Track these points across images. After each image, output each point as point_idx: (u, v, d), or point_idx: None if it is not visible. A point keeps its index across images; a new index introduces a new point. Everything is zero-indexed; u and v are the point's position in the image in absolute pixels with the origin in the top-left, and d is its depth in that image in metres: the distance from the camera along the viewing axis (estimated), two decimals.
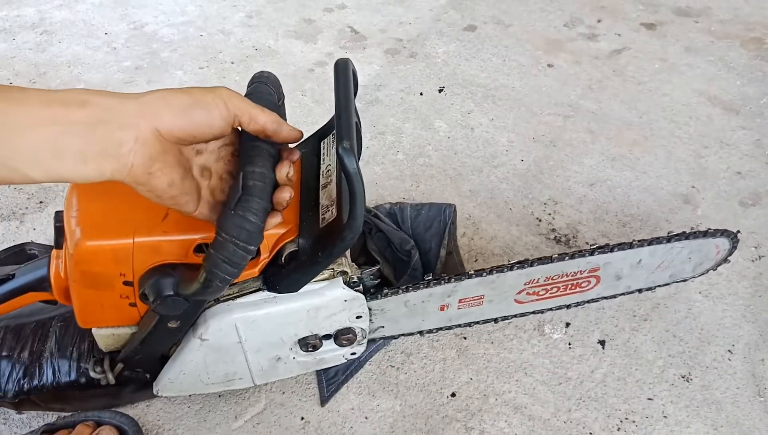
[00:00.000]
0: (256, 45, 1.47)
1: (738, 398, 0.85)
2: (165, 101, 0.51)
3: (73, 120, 0.47)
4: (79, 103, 0.48)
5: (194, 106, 0.52)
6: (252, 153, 0.57)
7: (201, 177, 0.59)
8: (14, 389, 0.77)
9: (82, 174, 0.48)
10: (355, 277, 0.72)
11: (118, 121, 0.49)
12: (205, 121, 0.53)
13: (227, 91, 0.55)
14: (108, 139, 0.48)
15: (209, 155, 0.59)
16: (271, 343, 0.74)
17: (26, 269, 0.71)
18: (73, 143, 0.47)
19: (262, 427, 0.82)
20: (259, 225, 0.55)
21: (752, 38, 1.47)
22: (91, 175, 0.49)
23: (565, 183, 1.14)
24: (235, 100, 0.55)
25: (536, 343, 0.91)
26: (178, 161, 0.54)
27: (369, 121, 1.26)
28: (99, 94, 0.49)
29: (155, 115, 0.50)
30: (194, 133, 0.53)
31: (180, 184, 0.54)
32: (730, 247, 0.87)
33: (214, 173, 0.60)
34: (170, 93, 0.52)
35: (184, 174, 0.55)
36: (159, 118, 0.50)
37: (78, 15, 1.56)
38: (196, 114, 0.52)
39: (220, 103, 0.54)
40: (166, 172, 0.52)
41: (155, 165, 0.51)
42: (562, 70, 1.39)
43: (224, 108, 0.54)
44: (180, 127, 0.52)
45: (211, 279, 0.57)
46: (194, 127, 0.53)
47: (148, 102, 0.51)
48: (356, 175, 0.57)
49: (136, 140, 0.49)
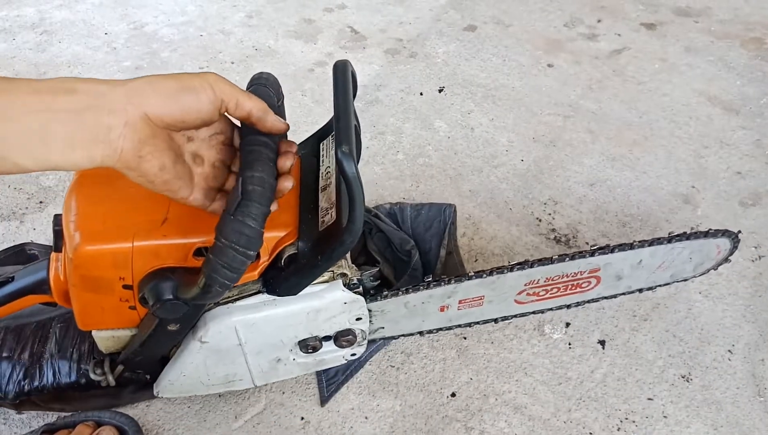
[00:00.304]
0: (256, 45, 1.47)
1: (738, 398, 0.85)
2: (153, 86, 0.51)
3: (62, 107, 0.47)
4: (66, 91, 0.48)
5: (182, 91, 0.52)
6: (251, 157, 0.57)
7: (193, 163, 0.58)
8: (15, 390, 0.77)
9: (72, 160, 0.48)
10: (355, 278, 0.72)
11: (107, 106, 0.49)
12: (193, 105, 0.53)
13: (215, 76, 0.55)
14: (97, 124, 0.48)
15: (201, 143, 0.59)
16: (271, 345, 0.74)
17: (26, 272, 0.71)
18: (62, 130, 0.47)
19: (262, 427, 0.82)
20: (259, 230, 0.55)
21: (752, 38, 1.47)
22: (82, 162, 0.49)
23: (565, 183, 1.14)
24: (222, 85, 0.55)
25: (536, 343, 0.91)
26: (168, 146, 0.54)
27: (369, 121, 1.26)
28: (87, 81, 0.49)
29: (143, 100, 0.50)
30: (183, 117, 0.53)
31: (172, 169, 0.54)
32: (731, 246, 0.87)
33: (207, 161, 0.60)
34: (158, 78, 0.52)
35: (176, 158, 0.55)
36: (147, 102, 0.50)
37: (78, 15, 1.56)
38: (184, 98, 0.52)
39: (207, 88, 0.54)
40: (157, 155, 0.52)
41: (145, 148, 0.51)
42: (562, 70, 1.39)
43: (211, 92, 0.54)
44: (168, 112, 0.52)
45: (210, 284, 0.57)
46: (182, 111, 0.53)
47: (136, 87, 0.51)
48: (355, 179, 0.57)
49: (125, 125, 0.49)
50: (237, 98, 0.56)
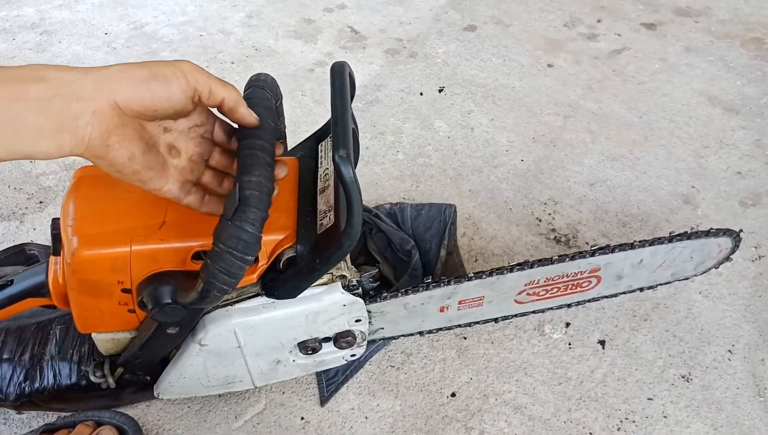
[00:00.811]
0: (256, 45, 1.47)
1: (738, 398, 0.85)
2: (123, 74, 0.51)
3: (32, 96, 0.47)
4: (36, 79, 0.47)
5: (153, 79, 0.52)
6: (249, 161, 0.56)
7: (168, 155, 0.58)
8: (15, 392, 0.77)
9: (42, 150, 0.48)
10: (354, 280, 0.72)
11: (75, 94, 0.48)
12: (164, 94, 0.52)
13: (188, 65, 0.54)
14: (64, 112, 0.48)
15: (178, 135, 0.58)
16: (270, 347, 0.74)
17: (25, 275, 0.71)
18: (32, 119, 0.47)
19: (262, 427, 0.82)
20: (257, 235, 0.55)
21: (752, 38, 1.46)
22: (51, 151, 0.48)
23: (565, 183, 1.14)
24: (196, 74, 0.54)
25: (536, 343, 0.91)
26: (138, 135, 0.53)
27: (369, 121, 1.26)
28: (57, 69, 0.49)
29: (113, 88, 0.50)
30: (153, 106, 0.52)
31: (141, 159, 0.54)
32: (733, 245, 0.87)
33: (184, 153, 0.59)
34: (130, 66, 0.52)
35: (146, 149, 0.54)
36: (117, 90, 0.50)
37: (78, 15, 1.56)
38: (154, 87, 0.52)
39: (179, 76, 0.53)
40: (125, 145, 0.52)
41: (113, 138, 0.51)
42: (562, 70, 1.39)
43: (184, 81, 0.53)
44: (138, 100, 0.51)
45: (208, 289, 0.57)
46: (153, 100, 0.52)
47: (106, 75, 0.50)
48: (353, 184, 0.56)
49: (93, 113, 0.49)
50: (210, 87, 0.55)
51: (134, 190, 0.60)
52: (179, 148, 0.59)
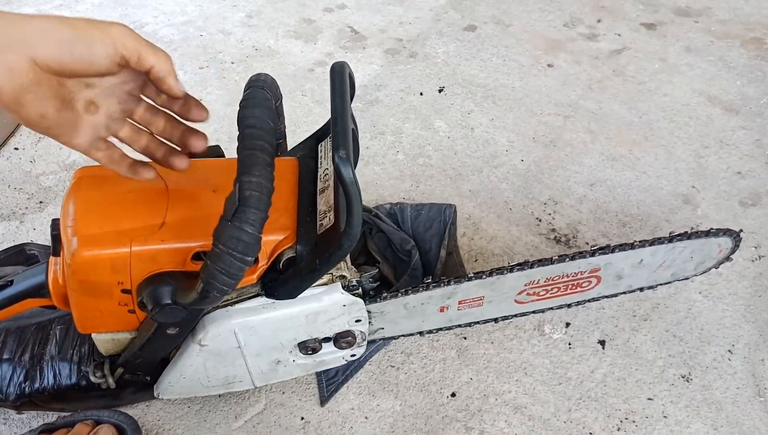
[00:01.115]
0: (256, 45, 1.46)
1: (738, 398, 0.85)
2: (47, 32, 0.50)
3: None
4: None
5: (76, 41, 0.51)
6: (248, 161, 0.56)
7: (85, 111, 0.56)
8: (15, 392, 0.77)
9: None
10: (354, 280, 0.72)
11: None
12: (86, 57, 0.51)
13: (119, 29, 0.53)
14: None
15: (100, 91, 0.57)
16: (270, 348, 0.74)
17: (24, 276, 0.71)
18: None
19: (262, 427, 0.82)
20: (257, 236, 0.55)
21: (752, 38, 1.46)
22: None
23: (565, 183, 1.14)
24: (125, 39, 0.53)
25: (536, 343, 0.91)
26: (54, 93, 0.52)
27: (369, 121, 1.26)
28: None
29: (33, 45, 0.49)
30: (73, 67, 0.51)
31: (54, 116, 0.53)
32: (733, 245, 0.87)
33: (103, 110, 0.58)
34: (55, 23, 0.50)
35: (60, 106, 0.53)
36: (36, 48, 0.49)
37: (78, 15, 1.56)
38: (76, 48, 0.51)
39: (107, 41, 0.52)
40: (38, 103, 0.51)
41: (27, 96, 0.50)
42: (562, 70, 1.39)
43: (111, 46, 0.52)
44: (57, 60, 0.50)
45: (208, 290, 0.57)
46: (73, 61, 0.51)
47: (30, 31, 0.49)
48: (353, 184, 0.56)
49: (9, 69, 0.48)
50: (140, 53, 0.54)
51: (134, 191, 0.60)
52: (98, 105, 0.57)
